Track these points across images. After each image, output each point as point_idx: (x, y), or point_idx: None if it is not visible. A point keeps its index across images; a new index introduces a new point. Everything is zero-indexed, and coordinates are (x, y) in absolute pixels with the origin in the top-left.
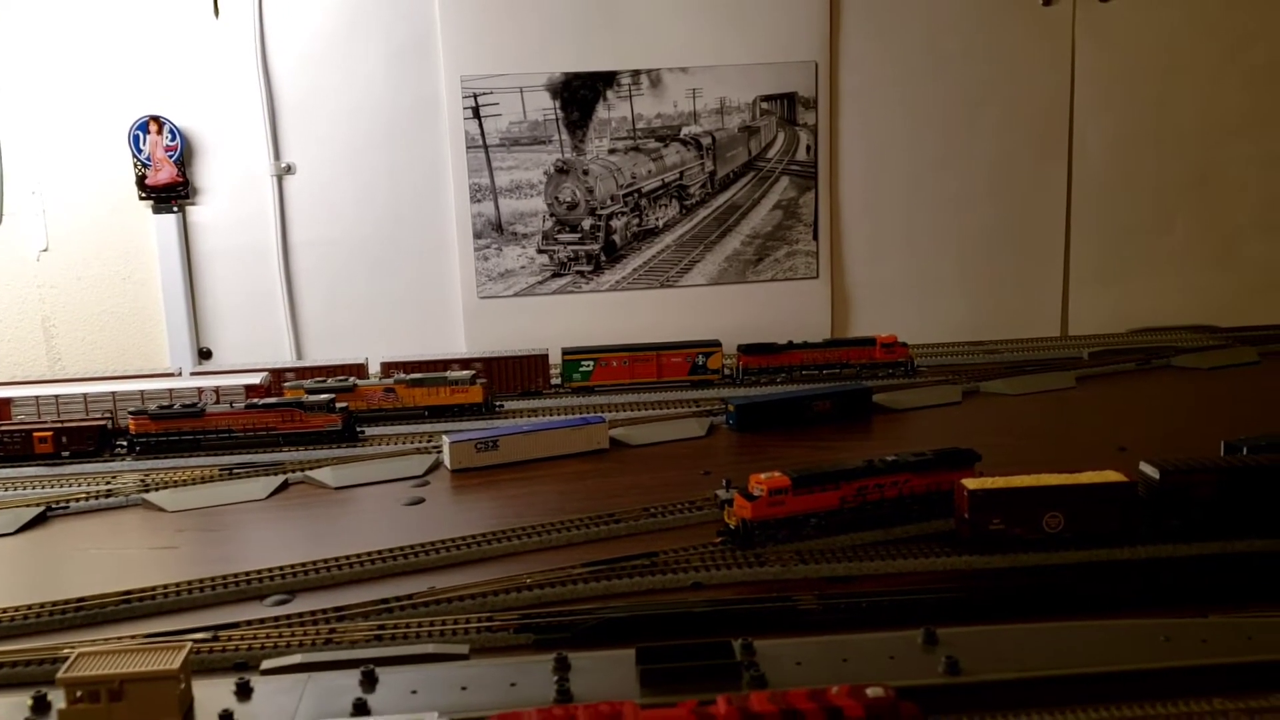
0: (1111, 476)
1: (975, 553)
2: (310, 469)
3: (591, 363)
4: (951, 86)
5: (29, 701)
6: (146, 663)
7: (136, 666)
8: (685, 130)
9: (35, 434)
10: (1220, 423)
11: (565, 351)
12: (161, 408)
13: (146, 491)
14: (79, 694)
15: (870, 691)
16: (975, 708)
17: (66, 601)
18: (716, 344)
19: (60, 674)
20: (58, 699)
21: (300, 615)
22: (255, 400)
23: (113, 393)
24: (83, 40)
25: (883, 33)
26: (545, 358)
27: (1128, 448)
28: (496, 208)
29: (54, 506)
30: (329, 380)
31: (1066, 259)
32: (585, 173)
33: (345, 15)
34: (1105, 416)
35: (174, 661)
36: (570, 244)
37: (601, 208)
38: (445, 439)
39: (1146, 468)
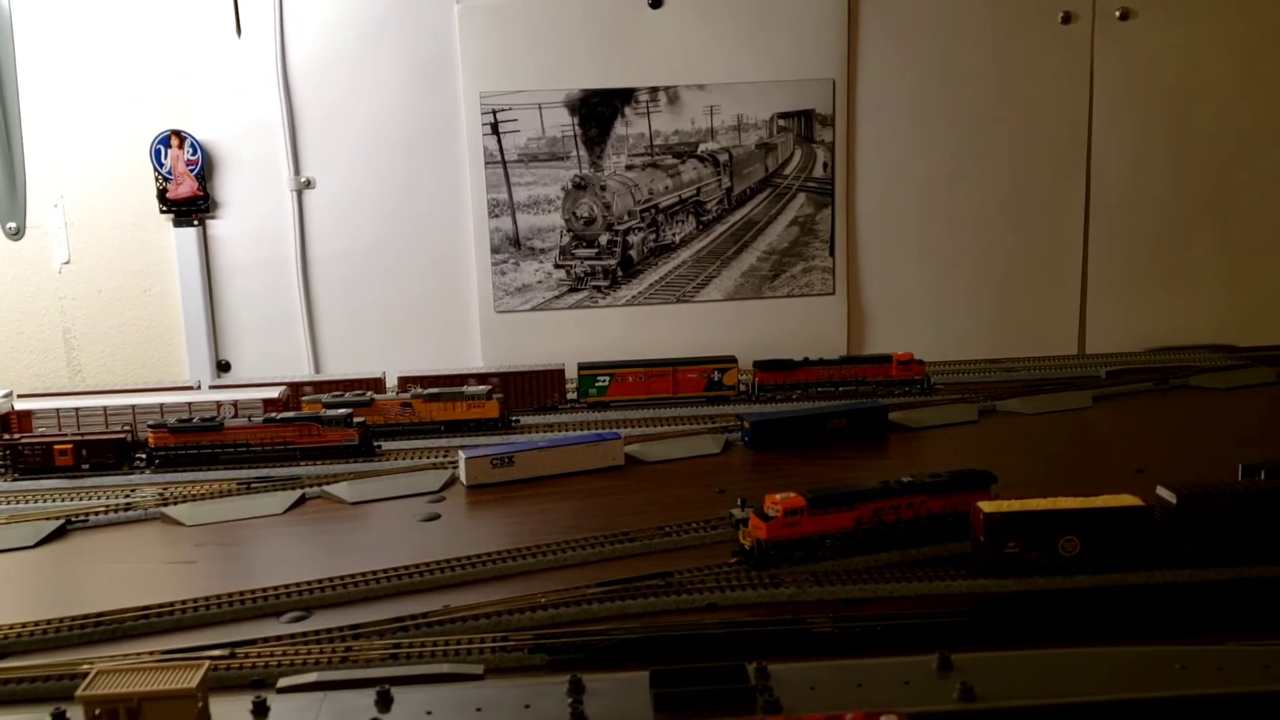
0: (1128, 500)
1: (990, 576)
2: (327, 484)
3: (607, 378)
4: (969, 104)
5: (48, 718)
6: (165, 681)
7: (155, 685)
8: (703, 147)
9: (55, 446)
10: (1239, 444)
11: (581, 366)
12: (180, 421)
13: (165, 505)
14: (98, 712)
15: (884, 719)
16: None
17: (85, 616)
18: (732, 360)
19: (79, 691)
20: (77, 715)
21: (316, 633)
22: (273, 414)
23: (132, 405)
24: (106, 56)
25: (901, 51)
26: (561, 373)
27: (1145, 469)
28: (514, 223)
29: (73, 520)
30: (346, 395)
31: (1084, 277)
32: (603, 189)
33: (365, 32)
34: (1122, 437)
35: (192, 680)
36: (587, 259)
37: (619, 223)
38: (461, 454)
39: (1163, 492)
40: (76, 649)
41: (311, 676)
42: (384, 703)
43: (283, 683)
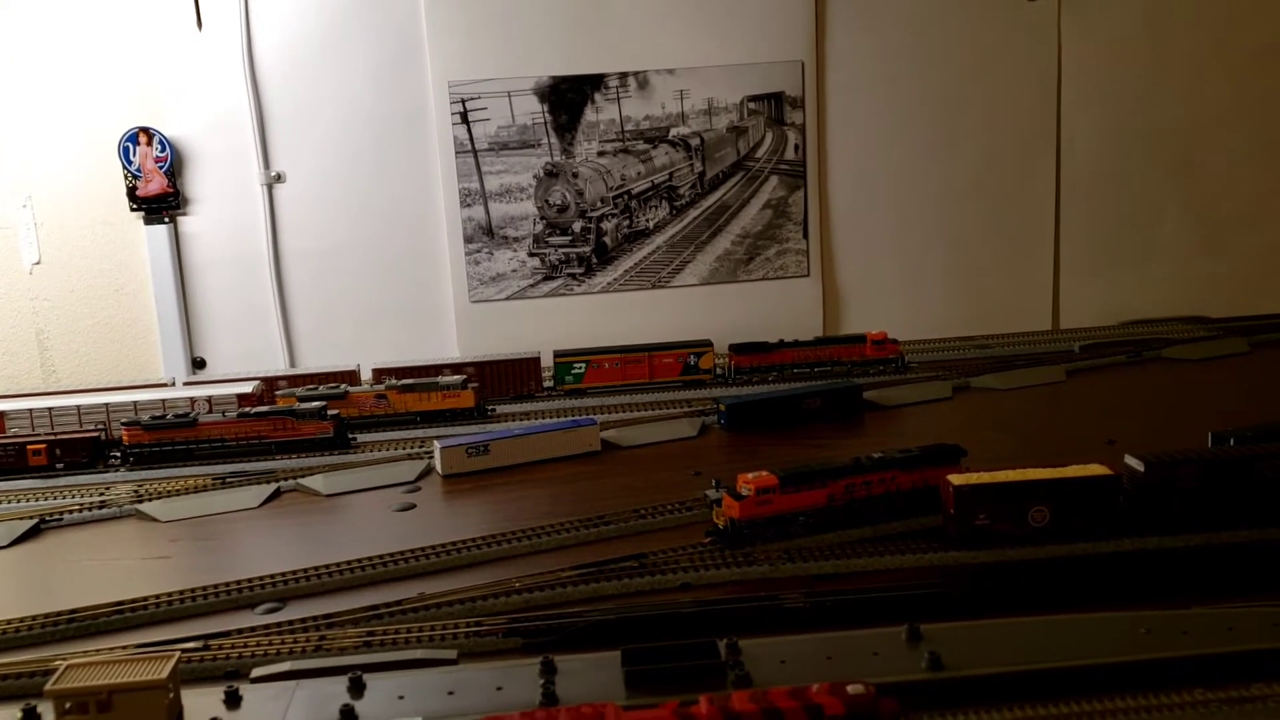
0: (1096, 470)
1: (961, 548)
2: (302, 476)
3: (583, 365)
4: (938, 83)
5: (19, 715)
6: (135, 673)
7: (125, 677)
8: (674, 131)
9: (29, 446)
10: (1211, 414)
11: (557, 354)
12: (154, 418)
13: (140, 502)
14: (68, 705)
15: (851, 689)
16: (956, 703)
17: (59, 613)
18: (708, 344)
19: (48, 686)
20: (47, 711)
21: (290, 623)
22: (247, 409)
23: (106, 404)
24: (71, 53)
25: (869, 31)
26: (537, 360)
27: (1117, 440)
28: (487, 212)
29: (48, 519)
30: (321, 388)
31: (1057, 252)
32: (575, 175)
33: (332, 23)
34: (1096, 409)
35: (162, 671)
36: (561, 246)
37: (592, 210)
38: (436, 444)
39: (1131, 461)
40: (50, 646)
41: (284, 666)
42: (356, 689)
43: (256, 673)
